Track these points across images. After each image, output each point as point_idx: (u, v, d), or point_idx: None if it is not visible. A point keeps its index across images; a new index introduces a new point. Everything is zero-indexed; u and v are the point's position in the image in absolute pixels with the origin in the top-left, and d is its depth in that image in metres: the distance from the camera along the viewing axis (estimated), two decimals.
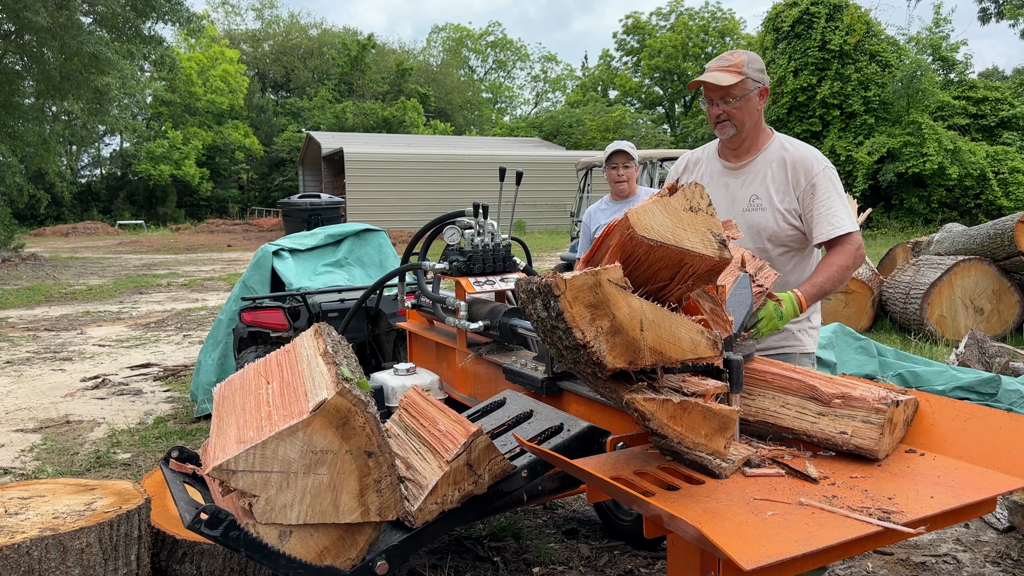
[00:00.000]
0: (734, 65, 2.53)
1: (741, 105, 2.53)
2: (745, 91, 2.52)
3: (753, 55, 2.58)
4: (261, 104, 46.31)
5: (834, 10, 22.68)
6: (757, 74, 2.54)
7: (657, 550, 3.21)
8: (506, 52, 59.59)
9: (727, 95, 2.52)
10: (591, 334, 1.51)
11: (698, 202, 1.74)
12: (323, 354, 1.94)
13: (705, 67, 2.64)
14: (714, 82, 2.50)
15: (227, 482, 1.65)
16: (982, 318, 7.40)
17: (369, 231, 5.70)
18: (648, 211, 1.67)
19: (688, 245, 1.69)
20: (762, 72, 2.57)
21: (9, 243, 20.02)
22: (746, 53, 2.58)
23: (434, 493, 1.85)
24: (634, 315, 1.54)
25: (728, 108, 2.54)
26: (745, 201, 2.62)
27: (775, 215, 2.57)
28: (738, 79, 2.50)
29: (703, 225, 1.73)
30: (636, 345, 1.55)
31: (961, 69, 24.58)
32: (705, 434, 1.59)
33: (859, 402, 1.77)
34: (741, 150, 2.65)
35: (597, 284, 1.51)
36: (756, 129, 2.62)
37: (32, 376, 6.95)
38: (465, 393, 3.11)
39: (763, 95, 2.58)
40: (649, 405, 1.55)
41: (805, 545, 1.32)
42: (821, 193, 2.52)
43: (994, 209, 21.05)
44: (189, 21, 20.70)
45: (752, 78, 2.52)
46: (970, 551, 3.26)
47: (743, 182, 2.64)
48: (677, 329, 1.60)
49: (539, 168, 28.43)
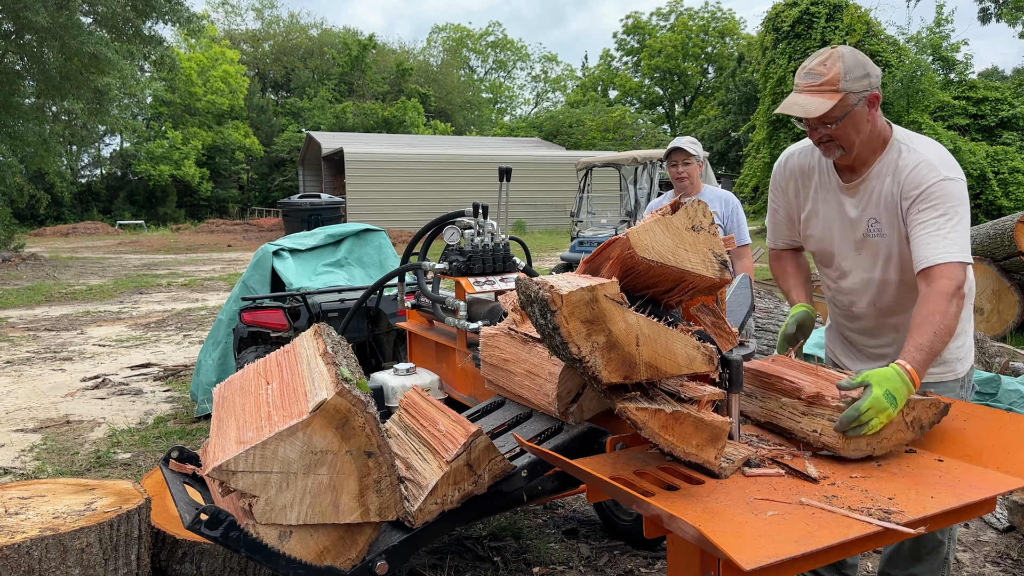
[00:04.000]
0: (827, 82, 2.07)
1: (846, 124, 2.10)
2: (847, 109, 2.07)
3: (851, 57, 2.09)
4: (261, 104, 46.30)
5: (834, 10, 22.68)
6: (860, 83, 2.08)
7: (657, 550, 3.21)
8: (506, 52, 59.59)
9: (826, 119, 2.09)
10: (587, 349, 1.51)
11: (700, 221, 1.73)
12: (323, 354, 1.94)
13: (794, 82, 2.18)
14: (803, 114, 2.09)
15: (227, 482, 1.65)
16: (982, 318, 7.40)
17: (369, 231, 5.70)
18: (649, 231, 1.66)
19: (689, 266, 1.69)
20: (867, 77, 2.10)
21: (9, 243, 20.01)
22: (841, 57, 2.09)
23: (434, 493, 1.85)
24: (630, 330, 1.54)
25: (833, 132, 2.12)
26: (864, 226, 2.22)
27: (900, 240, 2.16)
28: (835, 100, 2.06)
29: (704, 245, 1.73)
30: (632, 360, 1.55)
31: (961, 69, 24.57)
32: (696, 444, 1.59)
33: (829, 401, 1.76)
34: (856, 164, 2.22)
35: (594, 300, 1.51)
36: (872, 140, 2.17)
37: (32, 376, 6.95)
38: (465, 393, 3.11)
39: (873, 103, 2.12)
40: (641, 415, 1.55)
41: (805, 545, 1.32)
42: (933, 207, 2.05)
43: (994, 209, 21.03)
44: (189, 21, 20.68)
45: (854, 91, 2.07)
46: (970, 551, 3.26)
47: (858, 201, 2.23)
48: (673, 344, 1.60)
49: (539, 168, 28.44)
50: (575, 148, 36.51)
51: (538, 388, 2.02)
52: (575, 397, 1.98)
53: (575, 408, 1.99)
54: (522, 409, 2.26)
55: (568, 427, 2.04)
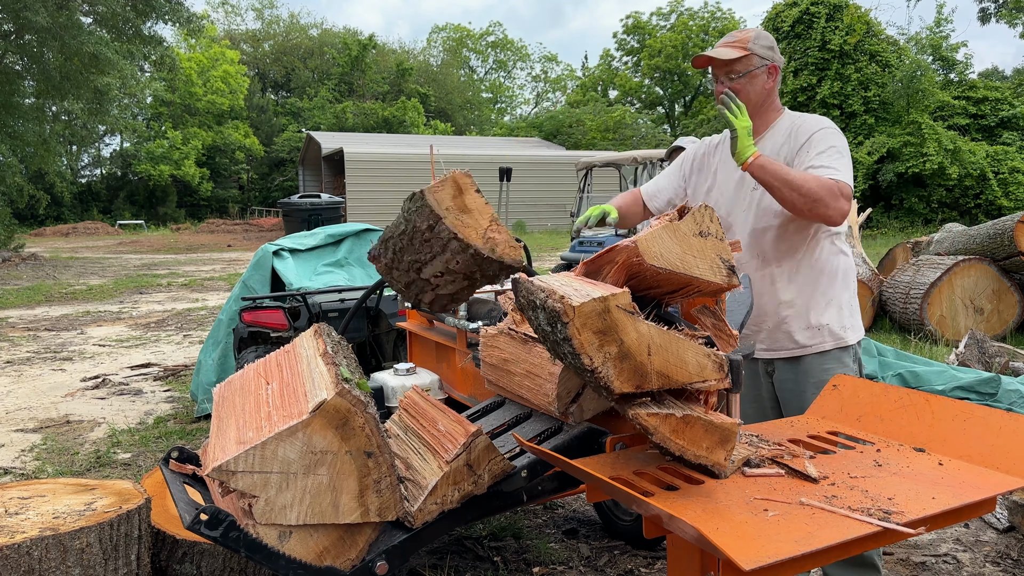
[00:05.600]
0: (740, 40, 2.44)
1: (746, 82, 2.43)
2: (750, 67, 2.43)
3: (763, 32, 2.48)
4: (261, 104, 46.29)
5: (834, 10, 22.67)
6: (765, 51, 2.45)
7: (657, 550, 3.21)
8: (506, 52, 59.58)
9: (731, 70, 2.43)
10: (599, 360, 1.51)
11: (708, 226, 1.73)
12: (322, 355, 1.94)
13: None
14: (715, 55, 2.42)
15: (227, 483, 1.65)
16: (982, 318, 7.40)
17: (369, 231, 5.70)
18: (658, 238, 1.66)
19: (697, 273, 1.69)
20: (771, 49, 2.47)
21: (9, 243, 20.01)
22: (755, 29, 2.49)
23: (434, 493, 1.85)
24: (642, 340, 1.54)
25: (733, 84, 2.44)
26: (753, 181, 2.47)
27: None
28: (742, 54, 2.41)
29: (712, 251, 1.73)
30: (644, 370, 1.55)
31: (961, 69, 24.58)
32: (706, 447, 1.59)
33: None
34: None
35: (606, 310, 1.51)
36: (766, 108, 2.51)
37: (32, 376, 6.95)
38: (465, 393, 3.12)
39: (772, 73, 2.47)
40: (652, 420, 1.55)
41: (805, 545, 1.32)
42: (816, 146, 2.37)
43: (994, 209, 21.04)
44: (189, 21, 20.69)
45: (759, 54, 2.43)
46: (970, 551, 3.26)
47: None
48: (684, 353, 1.60)
49: (539, 168, 28.43)
50: (575, 148, 36.48)
51: (538, 388, 2.02)
52: (575, 397, 1.98)
53: (575, 408, 1.99)
54: (522, 409, 2.26)
55: (568, 427, 2.04)
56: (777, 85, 2.50)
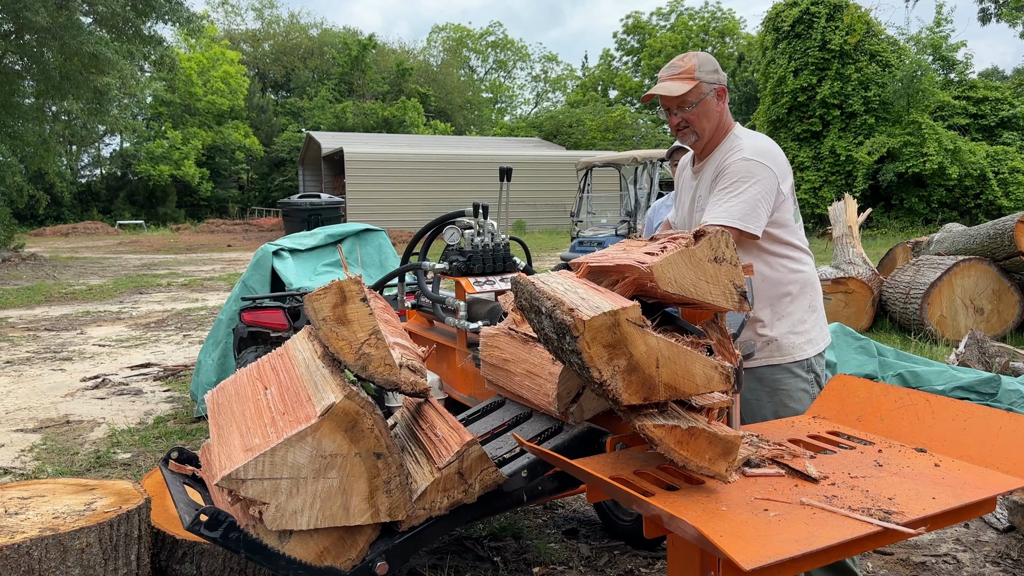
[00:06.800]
0: (685, 71, 2.46)
1: (699, 111, 2.47)
2: (700, 96, 2.46)
3: (704, 56, 2.50)
4: (261, 104, 46.29)
5: (834, 10, 22.68)
6: (711, 75, 2.48)
7: (657, 550, 3.21)
8: (506, 52, 59.59)
9: (683, 103, 2.47)
10: (608, 373, 1.52)
11: (723, 252, 1.74)
12: (322, 356, 1.94)
13: (657, 76, 2.58)
14: (666, 93, 2.46)
15: (237, 491, 1.63)
16: (982, 318, 7.40)
17: (369, 231, 5.70)
18: (672, 264, 1.67)
19: (710, 299, 1.71)
20: (716, 72, 2.50)
21: (9, 243, 20.01)
22: (696, 55, 2.50)
23: (422, 499, 1.84)
24: (651, 353, 1.55)
25: (686, 115, 2.48)
26: (697, 204, 2.57)
27: None
28: (691, 86, 2.44)
29: (726, 277, 1.74)
30: (652, 382, 1.56)
31: (961, 69, 24.57)
32: (709, 458, 1.60)
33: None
34: (704, 152, 2.59)
35: (616, 324, 1.52)
36: (718, 131, 2.55)
37: (32, 376, 6.95)
38: (465, 393, 3.11)
39: (721, 95, 2.51)
40: (658, 431, 1.56)
41: (805, 545, 1.32)
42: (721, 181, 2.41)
43: (994, 209, 21.05)
44: (189, 21, 20.69)
45: (706, 81, 2.46)
46: (970, 551, 3.26)
47: (699, 184, 2.60)
48: (692, 365, 1.60)
49: (539, 168, 28.44)
50: (575, 148, 36.51)
51: (538, 388, 2.02)
52: (575, 397, 1.98)
53: (575, 408, 1.99)
54: (522, 409, 2.26)
55: (568, 427, 2.04)
56: (726, 104, 2.54)
